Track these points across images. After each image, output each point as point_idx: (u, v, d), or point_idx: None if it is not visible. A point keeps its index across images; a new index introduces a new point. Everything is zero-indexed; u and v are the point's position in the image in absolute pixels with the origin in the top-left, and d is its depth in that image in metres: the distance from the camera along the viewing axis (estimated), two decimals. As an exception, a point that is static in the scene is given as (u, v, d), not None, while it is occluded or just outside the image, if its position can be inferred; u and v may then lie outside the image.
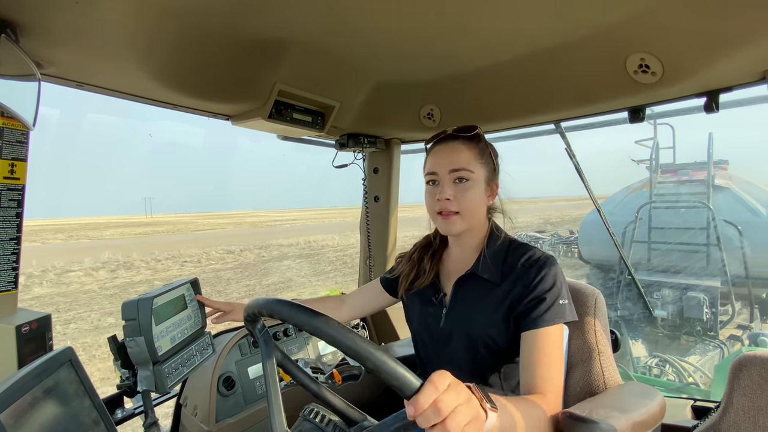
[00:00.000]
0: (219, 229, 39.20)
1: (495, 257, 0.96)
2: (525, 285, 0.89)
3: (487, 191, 0.98)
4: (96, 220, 67.90)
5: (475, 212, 0.97)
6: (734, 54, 0.92)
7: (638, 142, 6.44)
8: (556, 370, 0.84)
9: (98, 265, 16.69)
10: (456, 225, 0.96)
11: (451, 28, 1.01)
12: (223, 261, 17.41)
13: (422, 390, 0.49)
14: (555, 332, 0.86)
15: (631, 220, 6.02)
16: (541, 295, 0.87)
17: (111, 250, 21.46)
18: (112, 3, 0.77)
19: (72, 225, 51.93)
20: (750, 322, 5.51)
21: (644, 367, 4.36)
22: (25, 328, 0.85)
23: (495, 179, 1.00)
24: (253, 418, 1.37)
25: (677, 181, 6.15)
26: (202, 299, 1.16)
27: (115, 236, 33.64)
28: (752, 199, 5.91)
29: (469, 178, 0.94)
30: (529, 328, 0.86)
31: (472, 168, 0.94)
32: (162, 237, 31.84)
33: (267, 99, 1.21)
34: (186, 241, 26.53)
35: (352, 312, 1.24)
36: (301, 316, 0.57)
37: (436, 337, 1.00)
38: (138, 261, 17.62)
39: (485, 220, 1.02)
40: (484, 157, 0.97)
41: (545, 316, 0.86)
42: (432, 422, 0.49)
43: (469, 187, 0.94)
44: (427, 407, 0.49)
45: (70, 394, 0.74)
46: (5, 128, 0.85)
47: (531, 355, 0.85)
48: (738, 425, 0.88)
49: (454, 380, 0.52)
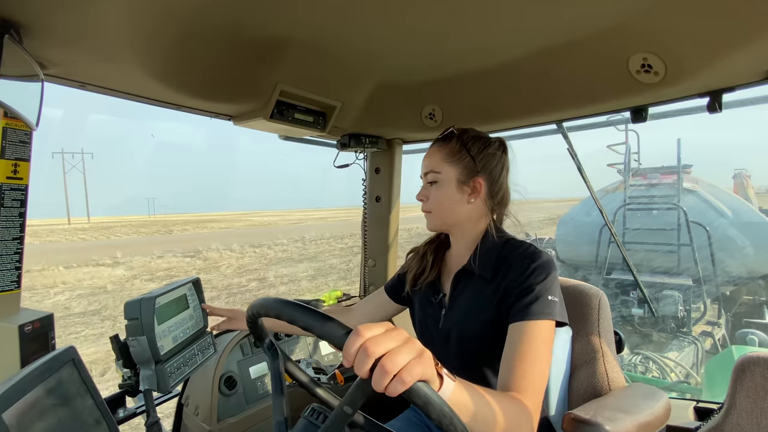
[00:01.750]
0: (272, 225, 40.07)
1: (489, 253, 0.96)
2: (515, 277, 0.88)
3: (463, 189, 0.97)
4: (130, 218, 68.46)
5: (448, 210, 0.98)
6: (737, 54, 0.92)
7: (610, 147, 6.55)
8: (538, 369, 0.77)
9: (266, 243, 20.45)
10: (432, 222, 1.02)
11: (453, 28, 1.01)
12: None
13: (348, 338, 0.48)
14: (542, 328, 0.81)
15: (610, 221, 6.06)
16: (531, 287, 0.85)
17: (237, 237, 24.13)
18: (114, 3, 0.77)
19: (169, 220, 53.72)
20: (718, 318, 5.66)
21: (629, 364, 4.40)
22: (28, 328, 0.86)
23: (475, 176, 0.97)
24: (255, 417, 1.37)
25: (648, 184, 6.33)
26: (207, 307, 1.19)
27: (189, 230, 34.98)
28: (718, 201, 6.12)
29: (437, 180, 0.99)
30: (515, 320, 0.83)
31: (438, 169, 0.98)
32: (240, 230, 33.34)
33: (269, 99, 1.21)
34: (281, 231, 28.75)
35: (358, 323, 1.22)
36: (282, 308, 0.59)
37: (435, 337, 1.00)
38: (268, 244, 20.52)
39: (478, 219, 1.00)
40: (456, 156, 0.97)
41: (532, 308, 0.82)
42: (364, 366, 0.46)
43: (437, 187, 0.99)
44: (355, 353, 0.47)
45: (73, 394, 0.74)
46: (8, 128, 0.85)
47: (514, 348, 0.80)
48: (741, 427, 0.88)
49: (391, 328, 0.50)
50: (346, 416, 0.53)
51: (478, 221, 1.00)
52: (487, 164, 0.99)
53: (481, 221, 1.01)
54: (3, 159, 0.85)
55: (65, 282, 12.57)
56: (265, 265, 15.26)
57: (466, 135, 1.00)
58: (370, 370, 0.47)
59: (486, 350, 0.91)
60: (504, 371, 0.79)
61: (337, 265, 14.71)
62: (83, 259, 16.84)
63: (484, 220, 1.01)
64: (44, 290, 11.39)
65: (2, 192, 0.85)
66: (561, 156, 1.52)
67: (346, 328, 0.50)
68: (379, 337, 0.48)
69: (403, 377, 0.46)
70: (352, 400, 0.51)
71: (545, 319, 0.82)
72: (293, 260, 16.18)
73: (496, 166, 1.00)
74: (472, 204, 0.98)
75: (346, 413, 0.52)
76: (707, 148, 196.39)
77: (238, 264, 15.43)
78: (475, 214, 0.99)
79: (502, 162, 1.02)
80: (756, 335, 4.29)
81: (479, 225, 1.01)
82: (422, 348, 0.50)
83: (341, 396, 0.77)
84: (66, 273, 13.89)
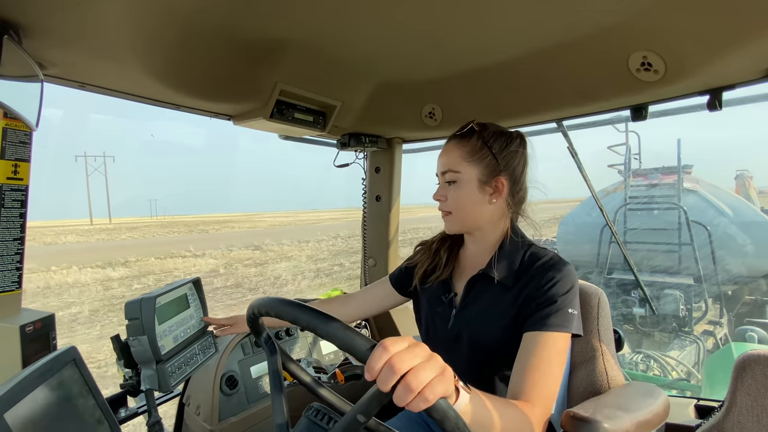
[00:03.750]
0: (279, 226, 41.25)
1: (509, 259, 0.93)
2: (537, 287, 0.86)
3: (485, 189, 0.93)
4: (142, 220, 70.10)
5: (470, 212, 0.94)
6: (737, 51, 0.91)
7: (611, 148, 6.57)
8: (552, 381, 0.77)
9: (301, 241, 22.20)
10: (451, 224, 0.97)
11: (452, 27, 1.01)
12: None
13: (373, 352, 0.47)
14: (558, 340, 0.80)
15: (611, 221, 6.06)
16: (553, 298, 0.83)
17: (262, 236, 25.84)
18: (113, 4, 0.77)
19: (186, 221, 55.69)
20: (720, 318, 5.67)
21: (630, 363, 4.40)
22: (29, 328, 0.86)
23: (497, 176, 0.93)
24: (256, 417, 1.38)
25: (648, 184, 6.34)
26: (208, 320, 1.19)
27: (221, 230, 36.39)
28: (718, 201, 6.13)
29: (456, 180, 0.94)
30: (532, 329, 0.82)
31: (458, 168, 0.93)
32: (255, 230, 34.55)
33: (268, 99, 1.21)
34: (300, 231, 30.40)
35: (359, 311, 1.20)
36: (286, 308, 0.58)
37: (442, 338, 0.98)
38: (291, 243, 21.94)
39: (499, 220, 0.97)
40: (477, 155, 0.93)
41: (551, 320, 0.81)
42: (389, 382, 0.46)
43: (457, 188, 0.94)
44: (380, 368, 0.46)
45: (74, 394, 0.74)
46: (8, 129, 0.85)
47: (528, 357, 0.79)
48: (741, 424, 0.88)
49: (414, 343, 0.49)
50: (359, 424, 0.52)
51: (499, 222, 0.97)
52: (509, 162, 0.94)
53: (502, 222, 0.98)
54: (3, 159, 0.85)
55: (177, 267, 15.04)
56: (332, 255, 16.63)
57: (487, 131, 0.95)
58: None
59: (499, 357, 0.90)
60: (516, 379, 0.79)
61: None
62: (166, 251, 18.91)
63: (504, 221, 0.98)
64: (167, 272, 14.10)
65: (2, 193, 0.85)
66: (563, 156, 1.52)
67: (370, 341, 0.49)
68: (404, 352, 0.47)
69: (427, 395, 0.46)
70: (366, 409, 0.51)
71: (562, 331, 0.81)
72: (348, 252, 17.16)
73: (518, 164, 0.96)
74: (494, 204, 0.94)
75: (359, 422, 0.52)
76: (708, 147, 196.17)
77: (306, 255, 17.43)
78: (497, 215, 0.96)
79: (524, 159, 0.97)
80: (756, 332, 4.31)
81: (500, 226, 0.98)
82: (444, 364, 0.50)
83: (342, 396, 0.77)
84: (172, 261, 16.20)
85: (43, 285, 12.18)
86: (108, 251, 20.08)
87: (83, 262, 15.90)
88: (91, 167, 66.37)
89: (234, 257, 16.94)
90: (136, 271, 14.37)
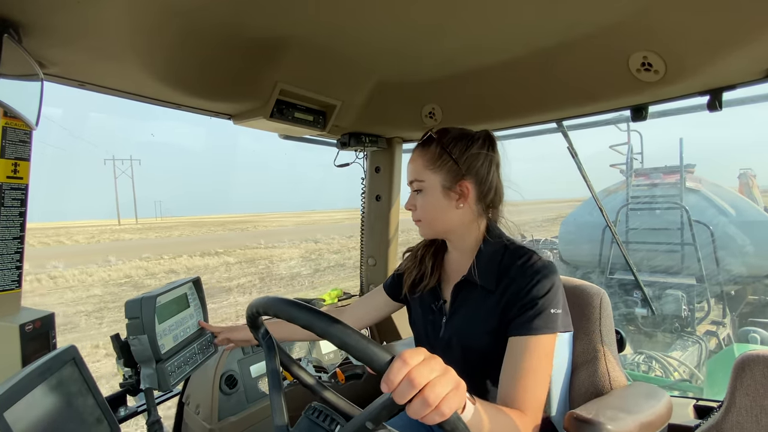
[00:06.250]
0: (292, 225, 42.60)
1: (489, 262, 0.93)
2: (518, 289, 0.85)
3: (450, 195, 0.93)
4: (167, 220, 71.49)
5: (438, 218, 0.95)
6: (738, 52, 0.91)
7: (612, 148, 6.54)
8: (540, 385, 0.78)
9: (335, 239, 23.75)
10: (423, 230, 0.99)
11: (452, 26, 1.01)
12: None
13: (392, 365, 0.47)
14: (544, 342, 0.81)
15: (611, 222, 6.04)
16: (533, 300, 0.83)
17: (290, 235, 27.43)
18: (113, 3, 0.77)
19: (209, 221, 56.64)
20: (723, 318, 5.63)
21: (632, 363, 4.40)
22: (29, 327, 0.86)
23: (460, 180, 0.92)
24: (256, 416, 1.38)
25: (650, 184, 6.30)
26: (205, 325, 1.19)
27: (247, 229, 37.46)
28: (721, 200, 6.08)
29: (422, 188, 0.95)
30: (516, 333, 0.82)
31: (422, 177, 0.94)
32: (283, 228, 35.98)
33: (268, 98, 1.21)
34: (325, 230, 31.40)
35: (361, 323, 1.20)
36: (287, 309, 0.58)
37: (435, 345, 0.98)
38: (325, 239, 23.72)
39: (471, 223, 0.96)
40: (437, 162, 0.93)
41: (534, 323, 0.81)
42: (407, 396, 0.46)
43: (424, 196, 0.95)
44: (399, 382, 0.47)
45: (74, 393, 0.74)
46: (8, 128, 0.85)
47: (515, 364, 0.80)
48: (741, 425, 0.88)
49: (429, 356, 0.50)
50: (367, 431, 0.52)
51: (472, 225, 0.96)
52: (472, 165, 0.93)
53: (476, 224, 0.97)
54: (3, 158, 0.85)
55: (273, 255, 17.29)
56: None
57: (446, 137, 0.94)
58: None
59: (490, 360, 0.90)
60: (505, 385, 0.79)
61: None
62: (241, 244, 20.83)
63: (478, 223, 0.97)
64: (266, 259, 16.40)
65: (2, 192, 0.85)
66: (568, 155, 1.51)
67: (389, 352, 0.49)
68: (421, 366, 0.47)
69: (443, 410, 0.47)
70: (376, 417, 0.51)
71: (547, 333, 0.81)
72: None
73: (482, 165, 0.94)
74: (462, 209, 0.94)
75: (368, 429, 0.52)
76: (711, 146, 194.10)
77: (348, 246, 19.46)
78: (467, 218, 0.95)
79: (488, 159, 0.95)
80: (758, 333, 4.29)
81: (474, 228, 0.97)
82: (458, 378, 0.51)
83: (343, 395, 0.77)
84: (264, 251, 18.32)
85: (168, 269, 14.95)
86: (177, 246, 21.64)
87: (184, 253, 17.74)
88: (118, 170, 67.75)
89: (306, 249, 19.40)
90: (241, 258, 16.52)
